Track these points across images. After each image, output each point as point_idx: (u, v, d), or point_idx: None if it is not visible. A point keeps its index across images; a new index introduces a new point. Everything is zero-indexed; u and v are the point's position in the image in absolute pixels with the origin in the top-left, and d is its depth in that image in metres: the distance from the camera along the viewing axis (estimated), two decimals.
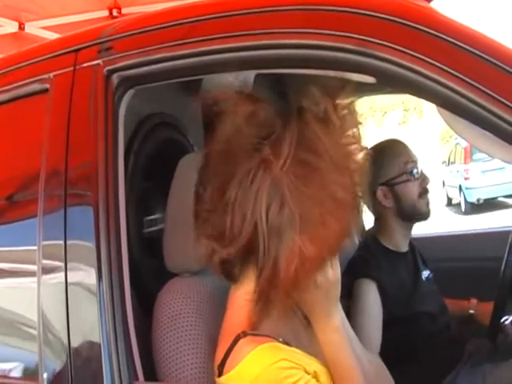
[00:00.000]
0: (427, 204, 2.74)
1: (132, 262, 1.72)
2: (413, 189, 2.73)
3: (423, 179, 2.74)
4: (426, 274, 2.84)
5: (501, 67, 1.39)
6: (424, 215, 2.76)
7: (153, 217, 2.09)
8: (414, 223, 2.79)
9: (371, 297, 2.56)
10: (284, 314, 1.54)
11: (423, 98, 1.53)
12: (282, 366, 1.41)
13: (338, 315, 1.57)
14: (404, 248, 2.80)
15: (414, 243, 2.90)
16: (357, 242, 3.25)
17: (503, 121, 1.38)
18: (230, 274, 1.50)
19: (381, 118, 30.50)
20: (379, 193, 2.79)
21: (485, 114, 1.40)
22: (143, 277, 1.95)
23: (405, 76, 1.45)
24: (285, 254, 1.37)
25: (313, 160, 1.38)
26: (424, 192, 2.74)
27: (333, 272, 1.50)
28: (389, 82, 1.57)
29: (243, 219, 1.39)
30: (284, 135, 1.40)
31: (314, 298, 1.50)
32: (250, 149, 1.40)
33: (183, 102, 2.34)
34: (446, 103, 1.48)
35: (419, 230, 3.16)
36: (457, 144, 18.40)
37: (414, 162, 2.74)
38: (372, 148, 2.82)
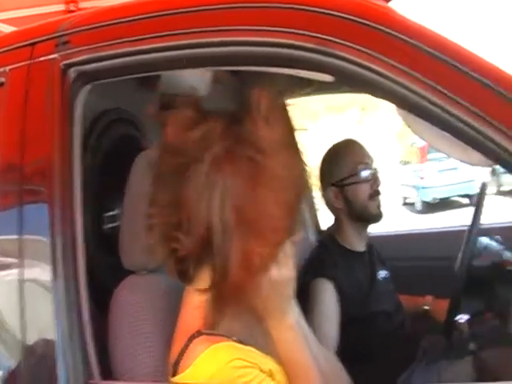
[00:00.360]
0: (378, 206, 2.75)
1: (89, 259, 1.71)
2: (363, 190, 2.73)
3: (374, 181, 2.74)
4: (382, 273, 2.86)
5: (459, 68, 1.41)
6: (375, 217, 2.77)
7: (112, 213, 2.07)
8: (366, 224, 2.80)
9: (328, 296, 2.56)
10: (238, 313, 1.54)
11: (381, 97, 1.54)
12: (237, 365, 1.41)
13: (292, 313, 1.57)
14: (361, 248, 2.81)
15: (372, 242, 2.92)
16: (314, 241, 3.28)
17: (461, 122, 1.40)
18: (184, 274, 1.50)
19: (338, 116, 30.63)
20: (330, 193, 2.81)
21: (443, 115, 1.41)
22: (100, 274, 1.93)
23: (363, 75, 1.46)
24: (237, 252, 1.38)
25: (261, 159, 1.39)
26: (375, 194, 2.74)
27: (286, 270, 1.50)
28: (347, 81, 1.58)
29: (197, 219, 1.39)
30: (233, 136, 1.41)
31: (268, 295, 1.50)
32: (200, 152, 1.40)
33: (140, 98, 2.33)
34: (403, 103, 1.49)
35: (376, 228, 3.19)
36: (413, 144, 18.57)
37: (366, 163, 2.74)
38: (328, 148, 2.84)
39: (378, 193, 2.74)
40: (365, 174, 2.72)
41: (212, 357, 1.42)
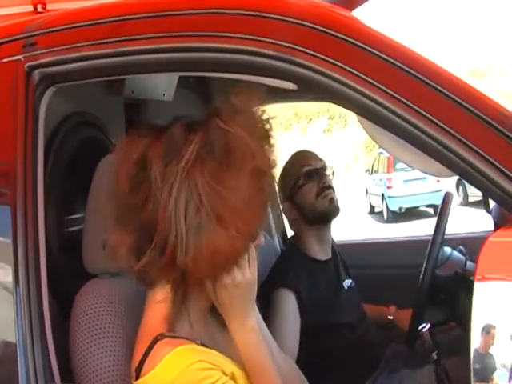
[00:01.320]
0: (330, 201, 2.72)
1: (51, 262, 1.71)
2: (309, 190, 2.73)
3: (320, 178, 2.73)
4: (348, 282, 2.87)
5: (420, 79, 1.43)
6: (327, 214, 2.74)
7: (74, 216, 2.07)
8: (325, 226, 2.78)
9: (288, 307, 2.57)
10: (201, 316, 1.57)
11: (343, 106, 1.56)
12: (200, 367, 1.43)
13: (254, 316, 1.59)
14: (324, 256, 2.81)
15: (337, 250, 2.94)
16: (279, 249, 3.29)
17: (422, 132, 1.42)
18: (146, 278, 1.51)
19: (306, 125, 30.72)
20: (284, 209, 2.87)
21: (404, 124, 1.43)
22: (62, 277, 1.93)
23: (324, 83, 1.48)
24: (201, 252, 1.41)
25: (226, 160, 1.41)
26: (321, 191, 2.72)
27: (250, 272, 1.53)
28: (309, 89, 1.60)
29: (162, 221, 1.42)
30: (199, 139, 1.43)
31: (231, 297, 1.52)
32: (168, 154, 1.43)
33: (106, 101, 2.34)
34: (365, 112, 1.51)
35: (341, 236, 3.20)
36: (380, 153, 18.68)
37: (309, 164, 2.75)
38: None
39: (324, 188, 2.72)
40: (308, 173, 2.74)
41: (175, 359, 1.43)
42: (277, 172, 1.54)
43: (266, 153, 1.48)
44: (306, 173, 2.74)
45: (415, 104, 1.42)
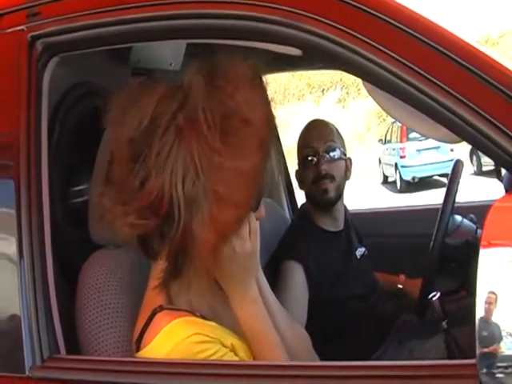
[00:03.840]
0: (323, 191, 2.68)
1: (57, 233, 1.71)
2: (307, 175, 2.72)
3: (317, 165, 2.68)
4: (360, 251, 2.87)
5: (430, 45, 1.40)
6: (320, 203, 2.73)
7: (79, 188, 2.06)
8: (324, 208, 2.76)
9: (296, 279, 2.56)
10: (201, 288, 1.55)
11: (351, 72, 1.54)
12: (195, 341, 1.42)
13: (255, 287, 1.58)
14: (335, 227, 2.80)
15: (350, 219, 2.92)
16: (289, 220, 3.27)
17: (433, 100, 1.39)
18: (148, 249, 1.50)
19: (319, 95, 30.57)
20: (295, 175, 2.86)
21: (414, 92, 1.40)
22: (68, 248, 1.92)
23: (330, 49, 1.45)
24: (199, 223, 1.38)
25: (222, 127, 1.39)
26: (316, 179, 2.69)
27: (250, 242, 1.51)
28: (316, 56, 1.57)
29: (160, 192, 1.39)
30: (198, 106, 1.40)
31: (231, 268, 1.51)
32: (165, 123, 1.39)
33: (112, 71, 2.31)
34: (372, 79, 1.48)
35: (355, 205, 3.18)
36: (393, 123, 18.56)
37: (312, 147, 2.70)
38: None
39: (319, 178, 2.68)
40: (307, 158, 2.72)
41: (171, 332, 1.42)
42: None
43: (265, 117, 1.44)
44: (305, 157, 2.72)
45: (425, 71, 1.39)
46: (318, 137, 2.73)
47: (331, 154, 2.70)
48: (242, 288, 1.54)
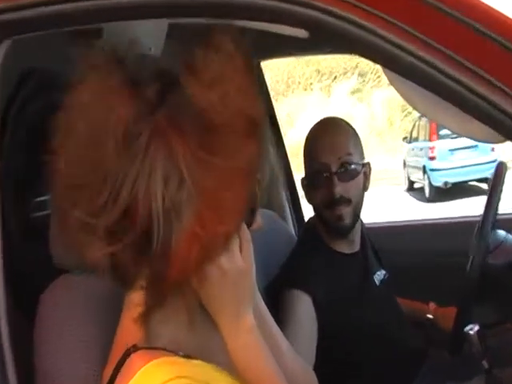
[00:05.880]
0: (338, 219, 2.64)
1: (11, 254, 1.69)
2: (317, 196, 2.69)
3: (328, 189, 2.62)
4: (380, 275, 2.86)
5: (463, 20, 1.39)
6: (334, 229, 2.70)
7: (40, 199, 2.05)
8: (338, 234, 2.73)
9: (303, 311, 2.55)
10: (186, 319, 1.52)
11: (368, 57, 1.53)
12: None
13: (251, 313, 1.54)
14: (350, 249, 2.78)
15: (367, 236, 2.91)
16: (294, 234, 3.27)
17: (466, 88, 1.38)
18: (121, 274, 1.47)
19: (330, 84, 30.67)
20: (301, 184, 2.82)
21: (444, 79, 1.39)
22: (25, 272, 1.92)
23: (344, 30, 1.44)
24: (182, 238, 1.35)
25: (213, 122, 1.37)
26: (329, 203, 2.64)
27: (243, 258, 1.49)
28: (325, 37, 1.56)
29: (136, 202, 1.35)
30: (177, 100, 1.39)
31: (219, 291, 1.48)
32: (139, 116, 1.38)
33: (76, 57, 2.31)
34: (393, 64, 1.48)
35: (374, 218, 3.17)
36: (420, 117, 18.58)
37: (321, 163, 2.64)
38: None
39: (334, 203, 2.62)
40: (315, 176, 2.68)
41: (147, 376, 1.40)
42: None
43: (260, 111, 1.43)
44: (314, 174, 2.68)
45: (457, 53, 1.38)
46: (331, 150, 2.65)
47: (347, 171, 2.64)
48: (235, 315, 1.52)
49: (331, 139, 2.69)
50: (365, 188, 2.74)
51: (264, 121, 1.44)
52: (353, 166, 2.65)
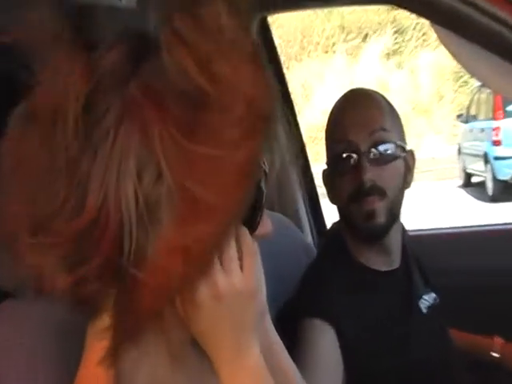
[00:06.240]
0: (368, 215, 2.61)
1: None
2: (342, 186, 2.67)
3: (358, 172, 2.59)
4: (428, 300, 2.86)
5: None
6: (363, 231, 2.68)
7: None
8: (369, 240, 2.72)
9: (323, 346, 2.55)
10: (169, 355, 1.52)
11: (409, 9, 1.55)
12: None
13: (256, 347, 1.53)
14: (389, 265, 2.78)
15: (410, 249, 2.90)
16: (312, 247, 3.27)
17: None
18: (83, 299, 1.47)
19: (358, 44, 30.59)
20: (322, 178, 2.83)
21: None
22: None
23: None
24: (160, 247, 1.34)
25: (199, 102, 1.37)
26: (357, 194, 2.61)
27: (245, 276, 1.47)
28: None
29: (102, 205, 1.34)
30: (155, 68, 1.38)
31: (212, 320, 1.46)
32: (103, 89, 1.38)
33: (32, 16, 2.34)
34: (449, 19, 1.49)
35: (417, 225, 3.18)
36: (481, 87, 18.47)
37: (350, 142, 2.62)
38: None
39: (362, 194, 2.60)
40: (342, 160, 2.64)
41: None
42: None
43: (262, 91, 1.40)
44: (338, 156, 2.66)
45: None
46: (360, 124, 2.64)
47: (381, 152, 2.62)
48: (235, 351, 1.50)
49: (360, 112, 2.68)
50: (406, 182, 2.71)
51: (275, 116, 1.42)
52: (389, 145, 2.63)
